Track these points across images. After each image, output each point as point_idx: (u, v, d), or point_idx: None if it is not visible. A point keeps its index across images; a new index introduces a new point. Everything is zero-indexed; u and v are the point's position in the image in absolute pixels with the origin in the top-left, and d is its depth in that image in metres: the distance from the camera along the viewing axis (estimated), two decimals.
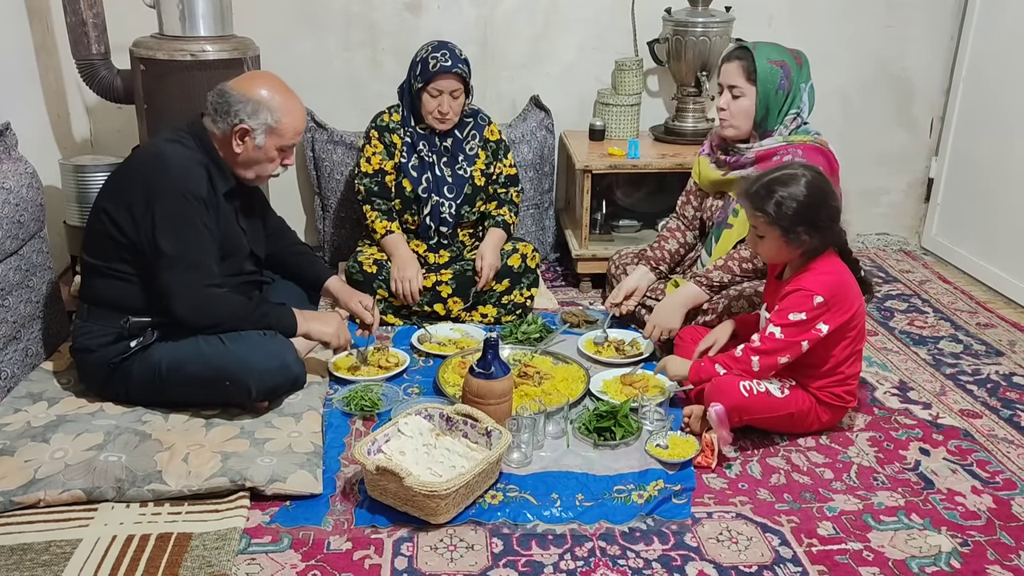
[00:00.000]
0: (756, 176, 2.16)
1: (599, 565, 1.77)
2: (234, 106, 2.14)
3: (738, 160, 2.56)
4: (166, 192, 2.08)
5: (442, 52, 2.74)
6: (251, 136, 2.16)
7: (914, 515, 1.95)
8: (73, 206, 2.87)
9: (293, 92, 2.23)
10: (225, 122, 2.15)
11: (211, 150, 2.19)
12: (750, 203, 2.12)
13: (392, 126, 2.88)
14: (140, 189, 2.09)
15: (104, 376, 2.18)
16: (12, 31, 2.89)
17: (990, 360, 2.71)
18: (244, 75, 2.29)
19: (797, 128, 2.53)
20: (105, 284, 2.16)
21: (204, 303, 2.12)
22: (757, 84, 2.47)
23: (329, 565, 1.75)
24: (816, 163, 2.44)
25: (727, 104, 2.53)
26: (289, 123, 2.19)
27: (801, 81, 2.51)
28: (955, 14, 3.52)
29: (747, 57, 2.49)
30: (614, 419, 2.18)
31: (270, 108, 2.15)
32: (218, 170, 2.19)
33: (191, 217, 2.09)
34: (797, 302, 2.09)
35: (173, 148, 2.16)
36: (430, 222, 2.88)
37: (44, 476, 1.90)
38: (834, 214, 2.11)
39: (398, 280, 2.75)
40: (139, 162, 2.19)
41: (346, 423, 2.26)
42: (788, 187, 2.06)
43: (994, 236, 3.32)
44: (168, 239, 2.06)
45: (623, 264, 2.90)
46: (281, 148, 2.22)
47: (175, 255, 2.07)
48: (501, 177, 2.95)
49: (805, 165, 2.17)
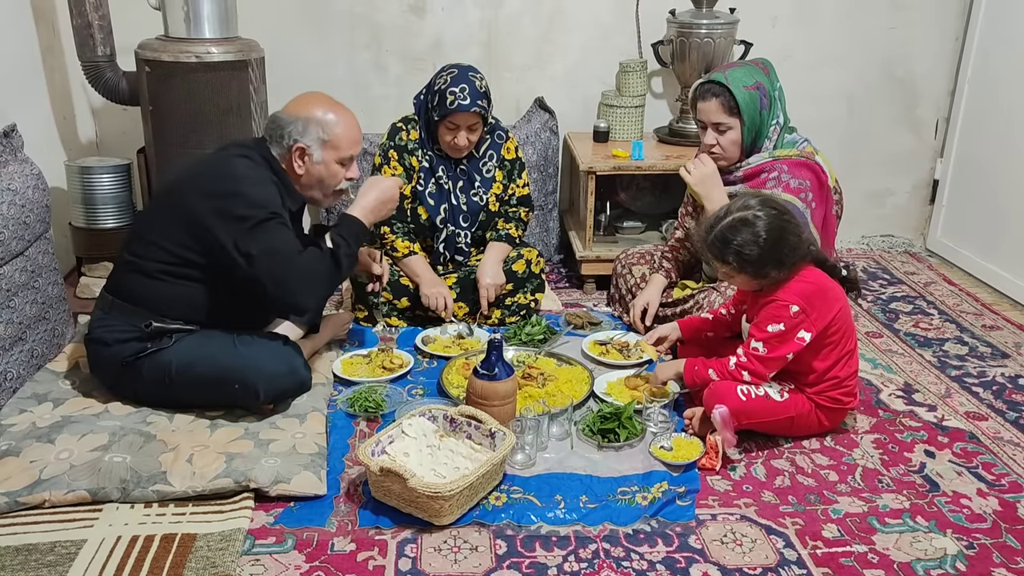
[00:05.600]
0: (708, 225, 2.12)
1: (603, 567, 1.77)
2: (286, 128, 2.18)
3: (727, 178, 2.57)
4: (244, 203, 2.08)
5: (461, 87, 2.63)
6: (308, 154, 2.19)
7: (919, 517, 1.94)
8: (79, 207, 2.88)
9: (342, 105, 2.26)
10: (281, 145, 2.20)
11: (279, 171, 2.22)
12: (710, 255, 2.13)
13: (411, 146, 2.80)
14: (217, 204, 2.08)
15: (115, 371, 2.19)
16: (18, 33, 2.90)
17: (995, 362, 2.71)
18: (293, 99, 2.29)
19: (780, 137, 2.52)
20: (142, 283, 2.16)
21: (304, 289, 2.11)
22: (742, 115, 2.47)
23: (333, 566, 1.75)
24: (803, 178, 2.45)
25: (715, 140, 2.52)
26: (342, 133, 2.21)
27: (774, 90, 2.52)
28: (960, 16, 3.52)
29: (723, 92, 2.47)
30: (618, 421, 2.18)
31: (320, 123, 2.18)
32: (286, 190, 2.22)
33: (266, 218, 2.08)
34: (773, 313, 2.09)
35: (248, 165, 2.16)
36: (444, 249, 2.85)
37: (49, 477, 1.91)
38: (795, 242, 2.08)
39: (430, 296, 2.73)
40: (212, 172, 2.16)
41: (350, 424, 2.26)
42: (742, 234, 2.05)
43: (999, 238, 3.32)
44: (256, 243, 2.05)
45: (628, 264, 2.90)
46: (341, 160, 2.24)
47: (267, 254, 2.06)
48: (513, 198, 2.92)
49: (758, 203, 2.09)
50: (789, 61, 3.36)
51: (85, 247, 2.93)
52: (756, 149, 2.54)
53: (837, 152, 3.30)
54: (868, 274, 3.45)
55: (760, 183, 2.49)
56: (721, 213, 2.12)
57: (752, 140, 2.52)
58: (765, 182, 2.48)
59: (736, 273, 2.12)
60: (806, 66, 3.48)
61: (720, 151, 2.54)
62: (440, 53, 3.38)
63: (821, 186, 2.50)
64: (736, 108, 2.47)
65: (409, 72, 3.40)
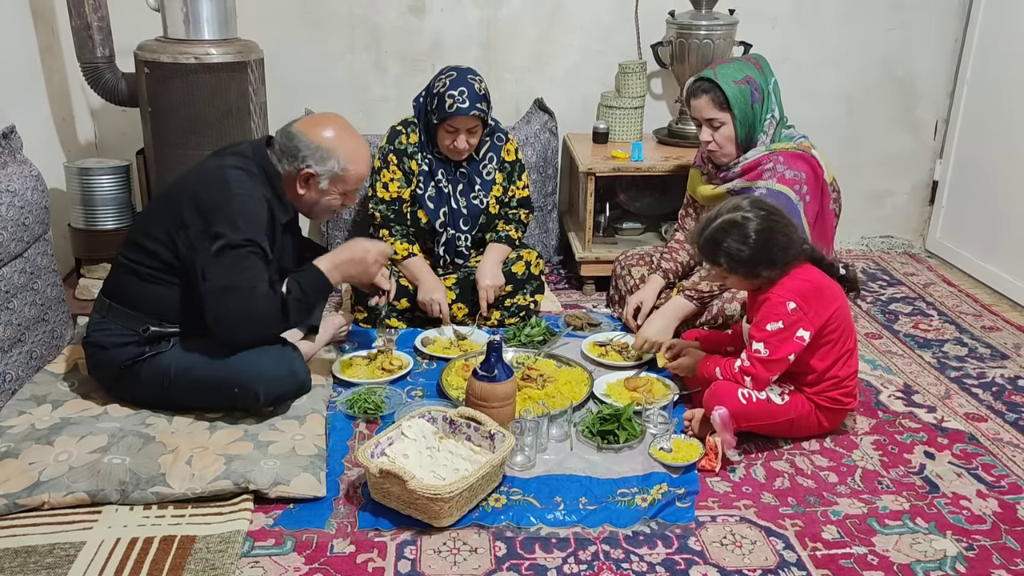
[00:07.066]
0: (700, 227, 2.14)
1: (603, 569, 1.77)
2: (303, 151, 2.16)
3: (726, 175, 2.59)
4: (223, 218, 2.07)
5: (460, 90, 2.62)
6: (315, 180, 2.18)
7: (919, 519, 1.94)
8: (78, 208, 2.88)
9: (361, 138, 2.24)
10: (292, 165, 2.17)
11: (275, 182, 2.20)
12: (702, 256, 2.16)
13: (411, 150, 2.79)
14: (199, 209, 2.08)
15: (113, 375, 2.19)
16: (17, 34, 2.90)
17: (995, 363, 2.71)
18: (312, 117, 2.27)
19: (777, 132, 2.54)
20: (137, 286, 2.16)
21: (241, 325, 2.08)
22: (732, 109, 2.49)
23: (332, 568, 1.75)
24: (799, 170, 2.46)
25: (710, 136, 2.55)
26: (355, 171, 2.20)
27: (767, 84, 2.52)
28: (959, 17, 3.52)
29: (712, 88, 2.50)
30: (618, 422, 2.18)
31: (338, 156, 2.16)
32: (279, 202, 2.21)
33: (242, 244, 2.07)
34: (771, 310, 2.09)
35: (239, 176, 2.14)
36: (444, 253, 2.85)
37: (48, 478, 1.91)
38: (785, 242, 2.08)
39: (427, 301, 2.73)
40: (203, 181, 2.15)
41: (349, 426, 2.26)
42: (732, 235, 2.06)
43: (999, 239, 3.32)
44: (216, 267, 2.04)
45: (628, 266, 2.90)
46: (344, 193, 2.24)
47: (219, 283, 2.04)
48: (513, 200, 2.92)
49: (748, 204, 2.11)
50: (789, 62, 3.37)
51: (84, 248, 2.93)
52: (752, 144, 2.55)
53: (836, 153, 3.30)
54: (867, 275, 3.45)
55: (757, 175, 2.50)
56: (712, 216, 2.13)
57: (746, 134, 2.53)
58: (761, 174, 2.49)
59: (728, 274, 2.13)
60: (805, 67, 3.49)
61: (716, 147, 2.56)
62: (439, 54, 3.38)
63: (817, 180, 2.50)
64: (726, 103, 2.48)
65: (408, 73, 3.39)
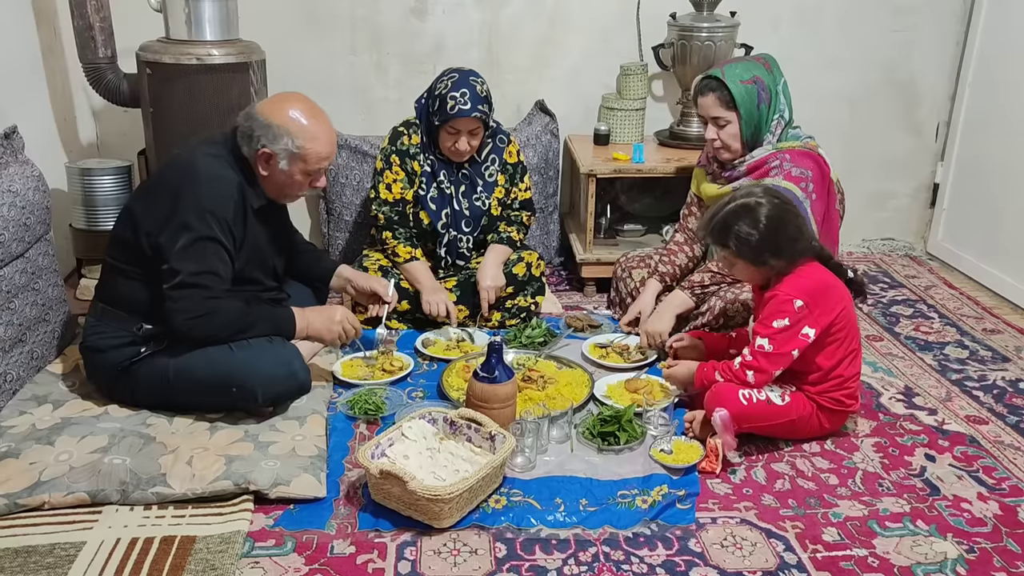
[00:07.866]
0: (713, 211, 2.16)
1: (603, 570, 1.76)
2: (256, 131, 2.14)
3: (732, 173, 2.59)
4: (190, 208, 2.07)
5: (462, 92, 2.62)
6: (275, 160, 2.16)
7: (920, 521, 1.94)
8: (79, 209, 2.89)
9: (322, 116, 2.19)
10: (249, 146, 2.16)
11: (245, 167, 2.19)
12: (712, 240, 2.18)
13: (413, 151, 2.80)
14: (169, 199, 2.09)
15: (111, 377, 2.19)
16: (19, 34, 2.90)
17: (996, 366, 2.70)
18: (273, 97, 2.25)
19: (784, 132, 2.54)
20: (124, 285, 2.17)
21: (200, 320, 2.09)
22: (738, 108, 2.49)
23: (332, 569, 1.75)
24: (805, 168, 2.46)
25: (716, 135, 2.56)
26: (313, 149, 2.16)
27: (776, 85, 2.52)
28: (961, 19, 3.52)
29: (719, 87, 2.50)
30: (618, 424, 2.17)
31: (292, 134, 2.13)
32: (251, 188, 2.20)
33: (208, 237, 2.08)
34: (777, 308, 2.09)
35: (208, 163, 2.14)
36: (445, 254, 2.85)
37: (49, 479, 1.91)
38: (795, 233, 2.10)
39: (432, 303, 2.72)
40: (173, 172, 2.17)
41: (350, 427, 2.25)
42: (743, 220, 2.08)
43: (1000, 242, 3.31)
44: (180, 255, 2.05)
45: (629, 268, 2.90)
46: (307, 172, 2.20)
47: (182, 271, 2.05)
48: (516, 202, 2.92)
49: (762, 191, 2.14)
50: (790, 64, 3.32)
51: (85, 249, 2.93)
52: (758, 143, 2.54)
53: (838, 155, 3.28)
54: (869, 277, 3.44)
55: (764, 173, 2.50)
56: (726, 200, 2.16)
57: (752, 134, 2.53)
58: (768, 172, 2.49)
59: (735, 259, 2.14)
60: (807, 69, 3.47)
61: (721, 145, 2.56)
62: (441, 55, 3.38)
63: (824, 178, 2.50)
64: (732, 102, 2.49)
65: (410, 74, 3.39)
